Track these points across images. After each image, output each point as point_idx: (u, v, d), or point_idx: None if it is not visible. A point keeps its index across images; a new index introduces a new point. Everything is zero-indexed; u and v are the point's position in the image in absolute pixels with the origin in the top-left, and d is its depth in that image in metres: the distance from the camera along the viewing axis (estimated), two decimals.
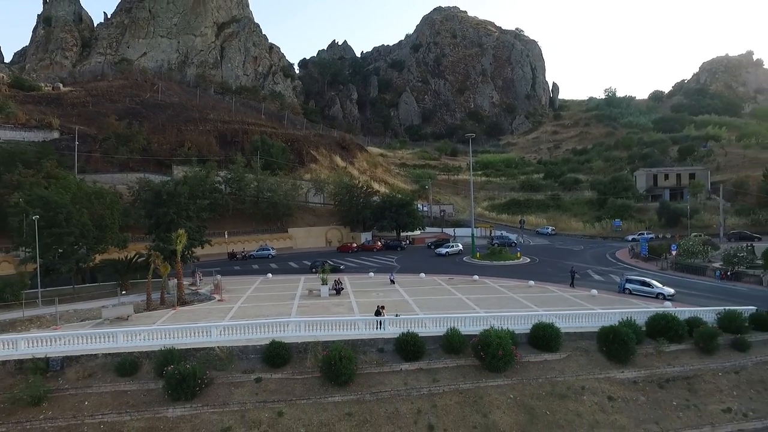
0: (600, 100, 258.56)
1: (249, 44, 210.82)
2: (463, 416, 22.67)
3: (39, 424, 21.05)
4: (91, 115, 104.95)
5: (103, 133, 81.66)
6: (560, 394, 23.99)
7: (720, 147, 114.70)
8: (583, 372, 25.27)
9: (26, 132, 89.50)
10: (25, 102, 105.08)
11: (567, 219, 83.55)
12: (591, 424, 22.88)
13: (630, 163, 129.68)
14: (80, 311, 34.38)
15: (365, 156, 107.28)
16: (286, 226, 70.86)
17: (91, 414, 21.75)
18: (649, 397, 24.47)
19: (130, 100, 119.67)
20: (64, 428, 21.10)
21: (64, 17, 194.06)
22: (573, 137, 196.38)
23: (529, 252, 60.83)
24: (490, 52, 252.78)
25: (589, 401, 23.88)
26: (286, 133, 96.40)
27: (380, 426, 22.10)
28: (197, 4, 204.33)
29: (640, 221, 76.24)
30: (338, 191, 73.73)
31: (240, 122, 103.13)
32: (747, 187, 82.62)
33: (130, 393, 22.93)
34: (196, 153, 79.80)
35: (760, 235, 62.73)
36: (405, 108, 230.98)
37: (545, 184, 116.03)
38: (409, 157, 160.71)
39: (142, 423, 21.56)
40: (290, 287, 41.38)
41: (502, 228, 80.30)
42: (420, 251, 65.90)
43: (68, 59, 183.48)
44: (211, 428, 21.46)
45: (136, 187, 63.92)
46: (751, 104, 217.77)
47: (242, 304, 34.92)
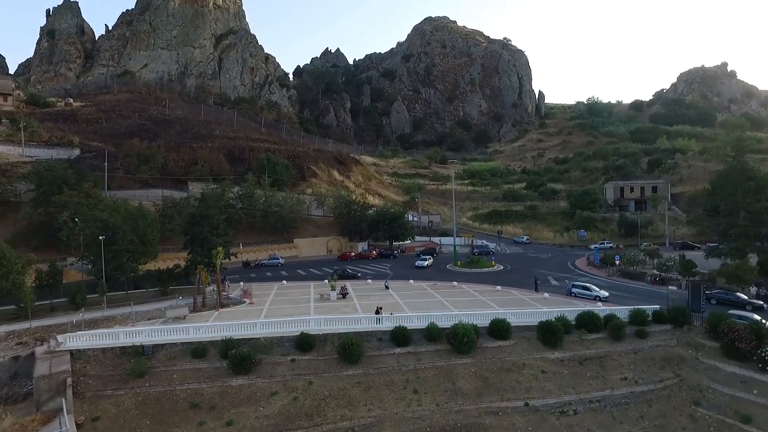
0: (584, 107, 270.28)
1: (246, 55, 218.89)
2: (438, 384, 32.81)
3: (145, 389, 30.80)
4: (105, 131, 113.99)
5: (122, 151, 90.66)
6: (507, 369, 34.25)
7: (684, 160, 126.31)
8: (525, 353, 35.56)
9: (49, 149, 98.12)
10: (43, 119, 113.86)
11: (541, 229, 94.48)
12: (527, 389, 33.14)
13: (605, 174, 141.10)
14: (140, 312, 43.95)
15: (360, 169, 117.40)
16: (291, 237, 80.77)
17: (179, 383, 31.56)
18: (570, 370, 34.80)
19: (139, 115, 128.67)
20: (163, 392, 30.88)
21: (67, 30, 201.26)
22: (556, 145, 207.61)
23: (504, 260, 71.33)
24: (478, 62, 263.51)
25: (527, 373, 34.15)
26: (288, 149, 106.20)
27: (380, 390, 32.17)
28: (196, 16, 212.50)
29: (603, 231, 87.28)
30: (337, 205, 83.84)
31: (245, 138, 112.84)
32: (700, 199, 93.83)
33: (204, 369, 32.77)
34: (209, 170, 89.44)
35: (700, 244, 73.61)
36: (396, 116, 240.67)
37: (526, 194, 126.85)
38: (401, 166, 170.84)
39: (215, 389, 31.41)
40: (304, 292, 51.31)
41: (484, 237, 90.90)
42: (410, 259, 76.18)
43: (72, 71, 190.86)
44: (264, 393, 31.37)
45: (160, 204, 73.51)
46: (724, 113, 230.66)
47: (270, 306, 44.79)
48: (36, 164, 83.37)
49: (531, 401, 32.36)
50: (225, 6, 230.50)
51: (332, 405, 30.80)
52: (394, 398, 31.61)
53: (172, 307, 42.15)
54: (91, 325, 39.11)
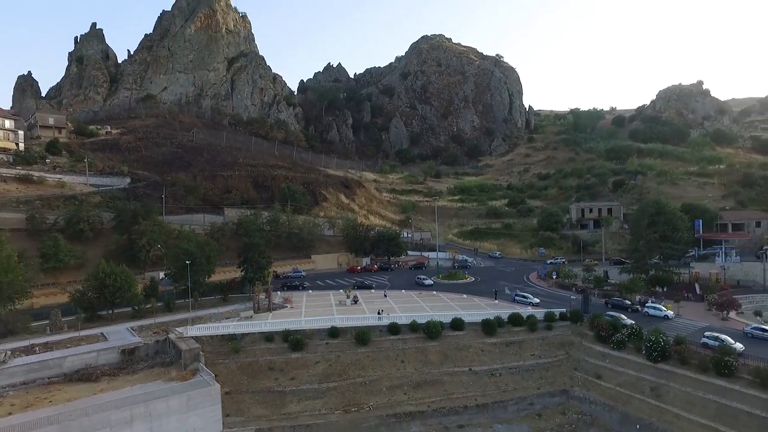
0: (570, 121, 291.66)
1: (256, 76, 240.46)
2: (416, 357, 54.53)
3: (240, 359, 52.45)
4: (145, 159, 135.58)
5: (169, 182, 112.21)
6: (459, 348, 55.97)
7: (643, 182, 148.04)
8: (471, 339, 57.28)
9: (105, 177, 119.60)
10: (93, 149, 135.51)
11: (512, 245, 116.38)
12: (471, 360, 54.86)
13: (578, 191, 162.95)
14: (216, 314, 65.44)
15: (363, 192, 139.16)
16: (309, 253, 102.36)
17: (260, 356, 53.21)
18: (499, 350, 56.53)
19: (170, 143, 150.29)
20: (251, 361, 52.49)
21: (93, 56, 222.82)
22: (541, 161, 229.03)
23: (476, 273, 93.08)
24: (471, 80, 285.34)
25: (472, 351, 55.87)
26: (303, 177, 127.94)
27: (381, 361, 53.85)
28: (210, 41, 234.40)
29: (559, 248, 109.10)
30: (346, 227, 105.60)
31: (265, 165, 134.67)
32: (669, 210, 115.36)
33: (273, 348, 54.43)
34: (240, 197, 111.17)
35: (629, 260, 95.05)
36: (395, 132, 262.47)
37: (506, 211, 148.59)
38: (398, 182, 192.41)
39: (282, 359, 53.06)
40: (326, 299, 72.96)
41: (465, 252, 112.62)
42: (404, 272, 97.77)
43: (99, 94, 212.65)
44: (311, 362, 53.01)
45: (208, 228, 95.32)
46: (698, 129, 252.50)
47: (306, 309, 66.40)
48: (104, 194, 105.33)
49: (473, 368, 54.14)
50: (236, 30, 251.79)
51: (352, 368, 52.53)
52: (389, 365, 53.35)
53: (241, 310, 63.84)
54: (187, 322, 60.63)
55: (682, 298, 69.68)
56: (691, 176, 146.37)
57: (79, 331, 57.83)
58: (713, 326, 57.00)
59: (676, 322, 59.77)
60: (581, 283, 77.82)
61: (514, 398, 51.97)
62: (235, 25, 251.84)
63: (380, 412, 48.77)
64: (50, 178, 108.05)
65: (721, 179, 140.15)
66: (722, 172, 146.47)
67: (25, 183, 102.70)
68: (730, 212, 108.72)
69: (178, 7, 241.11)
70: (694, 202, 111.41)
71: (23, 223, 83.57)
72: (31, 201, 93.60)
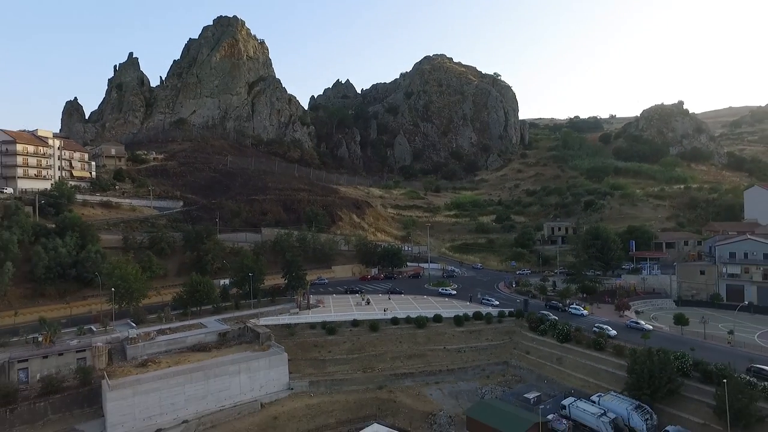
0: (561, 137, 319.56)
1: (273, 99, 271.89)
2: (409, 339, 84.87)
3: (295, 339, 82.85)
4: (191, 184, 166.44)
5: (217, 205, 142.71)
6: (438, 334, 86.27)
7: (608, 202, 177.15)
8: (447, 328, 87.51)
9: (162, 201, 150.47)
10: (147, 174, 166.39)
11: (492, 258, 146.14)
12: (445, 342, 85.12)
13: (555, 209, 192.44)
14: (271, 311, 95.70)
15: (371, 211, 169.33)
16: (330, 265, 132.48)
17: (307, 338, 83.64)
18: (465, 335, 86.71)
19: (209, 168, 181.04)
20: (302, 341, 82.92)
21: (130, 82, 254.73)
22: (531, 177, 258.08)
23: (459, 281, 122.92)
24: (470, 99, 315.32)
25: (447, 336, 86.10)
26: (322, 200, 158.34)
27: (386, 341, 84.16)
28: (233, 68, 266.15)
29: (528, 261, 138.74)
30: (358, 243, 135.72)
31: (290, 189, 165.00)
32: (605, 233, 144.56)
33: (315, 332, 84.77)
34: (273, 218, 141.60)
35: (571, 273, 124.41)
36: (399, 148, 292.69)
37: (492, 226, 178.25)
38: (401, 198, 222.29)
39: (321, 340, 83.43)
40: (347, 301, 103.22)
41: (454, 264, 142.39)
42: (404, 280, 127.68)
43: (137, 118, 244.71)
44: (340, 341, 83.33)
45: (252, 245, 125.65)
46: (677, 147, 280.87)
47: (333, 307, 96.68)
48: (167, 217, 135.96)
49: (446, 347, 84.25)
50: (255, 56, 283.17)
51: (367, 346, 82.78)
52: (391, 344, 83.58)
53: (288, 308, 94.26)
54: (254, 316, 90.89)
55: (602, 302, 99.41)
56: (649, 198, 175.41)
57: (183, 321, 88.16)
58: (611, 321, 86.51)
59: (588, 318, 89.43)
60: (533, 291, 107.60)
61: (472, 366, 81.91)
62: (255, 52, 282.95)
63: (386, 373, 78.79)
64: (124, 203, 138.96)
65: (672, 201, 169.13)
66: (674, 194, 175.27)
67: (107, 208, 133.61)
68: (665, 233, 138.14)
69: (205, 37, 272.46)
70: (637, 225, 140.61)
71: (119, 242, 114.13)
72: (118, 224, 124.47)
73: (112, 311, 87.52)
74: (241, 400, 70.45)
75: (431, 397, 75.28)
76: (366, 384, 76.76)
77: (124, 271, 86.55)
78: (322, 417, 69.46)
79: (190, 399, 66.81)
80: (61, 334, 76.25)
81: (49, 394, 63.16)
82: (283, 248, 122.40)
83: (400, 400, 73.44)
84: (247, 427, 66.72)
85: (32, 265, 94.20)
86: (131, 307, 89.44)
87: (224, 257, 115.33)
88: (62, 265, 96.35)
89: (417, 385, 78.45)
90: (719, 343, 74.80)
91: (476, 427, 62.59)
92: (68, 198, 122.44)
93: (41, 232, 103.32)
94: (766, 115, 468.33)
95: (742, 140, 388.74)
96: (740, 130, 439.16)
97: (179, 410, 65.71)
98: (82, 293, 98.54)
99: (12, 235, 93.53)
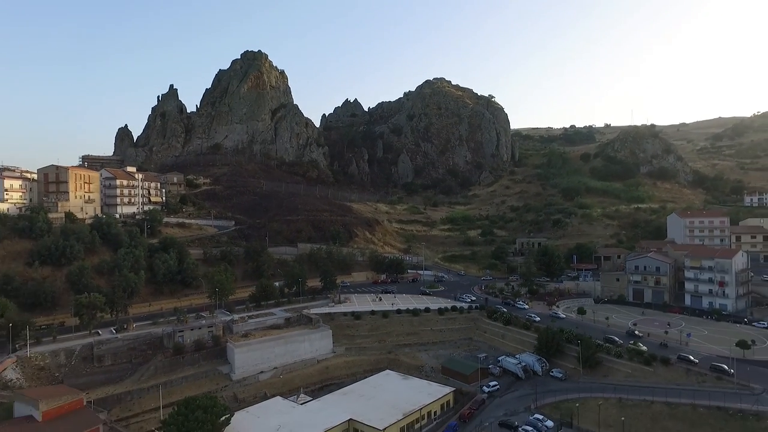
0: (546, 156, 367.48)
1: (293, 123, 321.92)
2: (408, 323, 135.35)
3: (334, 323, 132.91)
4: (237, 206, 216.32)
5: (258, 224, 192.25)
6: (428, 320, 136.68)
7: (571, 220, 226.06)
8: (433, 317, 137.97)
9: (218, 221, 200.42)
10: (203, 198, 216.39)
11: (473, 266, 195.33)
12: (432, 324, 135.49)
13: (531, 225, 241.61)
14: (315, 305, 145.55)
15: (380, 228, 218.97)
16: (350, 272, 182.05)
17: (343, 322, 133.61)
18: (445, 321, 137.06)
19: (248, 191, 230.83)
20: (339, 323, 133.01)
21: (172, 111, 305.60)
22: (516, 193, 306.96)
23: (446, 285, 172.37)
24: (465, 121, 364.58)
25: (433, 321, 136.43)
26: (342, 219, 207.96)
27: (393, 324, 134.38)
28: (259, 97, 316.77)
29: (499, 270, 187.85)
30: (371, 255, 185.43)
31: (316, 210, 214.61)
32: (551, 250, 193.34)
33: (347, 319, 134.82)
34: (306, 235, 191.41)
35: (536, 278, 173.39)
36: (402, 166, 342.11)
37: (478, 240, 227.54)
38: (404, 213, 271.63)
39: (351, 323, 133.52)
40: (365, 298, 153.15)
41: (443, 271, 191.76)
42: (405, 283, 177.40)
43: (179, 143, 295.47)
44: (363, 324, 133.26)
45: (293, 257, 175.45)
46: (647, 167, 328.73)
47: (357, 302, 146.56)
48: (227, 234, 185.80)
49: (432, 328, 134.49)
50: (277, 86, 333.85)
51: (381, 327, 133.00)
52: (396, 326, 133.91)
53: (326, 303, 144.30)
54: (305, 308, 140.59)
55: (542, 300, 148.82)
56: (603, 218, 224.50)
57: (258, 310, 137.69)
58: (542, 313, 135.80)
59: (528, 310, 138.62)
60: (496, 292, 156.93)
61: (448, 340, 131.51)
62: (276, 81, 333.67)
63: (393, 343, 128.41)
64: (192, 224, 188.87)
65: (620, 221, 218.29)
66: (624, 214, 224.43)
67: (182, 227, 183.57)
68: (605, 248, 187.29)
69: (234, 70, 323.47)
70: (585, 242, 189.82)
71: (201, 255, 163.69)
72: (194, 240, 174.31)
73: (211, 304, 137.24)
74: (305, 357, 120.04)
75: (421, 358, 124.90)
76: (380, 350, 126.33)
77: (221, 277, 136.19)
78: (354, 368, 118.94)
79: (277, 356, 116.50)
80: (188, 318, 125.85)
81: (198, 350, 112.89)
82: (316, 259, 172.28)
83: (401, 360, 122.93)
84: (310, 373, 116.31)
85: (153, 272, 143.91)
86: (223, 301, 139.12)
87: (274, 266, 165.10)
88: (171, 272, 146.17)
89: (412, 351, 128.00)
90: (600, 325, 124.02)
91: (447, 371, 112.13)
92: (159, 221, 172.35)
93: (152, 248, 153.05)
94: (747, 128, 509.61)
95: (720, 154, 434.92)
96: (720, 143, 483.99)
97: (271, 361, 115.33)
98: (184, 292, 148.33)
99: (140, 252, 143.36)
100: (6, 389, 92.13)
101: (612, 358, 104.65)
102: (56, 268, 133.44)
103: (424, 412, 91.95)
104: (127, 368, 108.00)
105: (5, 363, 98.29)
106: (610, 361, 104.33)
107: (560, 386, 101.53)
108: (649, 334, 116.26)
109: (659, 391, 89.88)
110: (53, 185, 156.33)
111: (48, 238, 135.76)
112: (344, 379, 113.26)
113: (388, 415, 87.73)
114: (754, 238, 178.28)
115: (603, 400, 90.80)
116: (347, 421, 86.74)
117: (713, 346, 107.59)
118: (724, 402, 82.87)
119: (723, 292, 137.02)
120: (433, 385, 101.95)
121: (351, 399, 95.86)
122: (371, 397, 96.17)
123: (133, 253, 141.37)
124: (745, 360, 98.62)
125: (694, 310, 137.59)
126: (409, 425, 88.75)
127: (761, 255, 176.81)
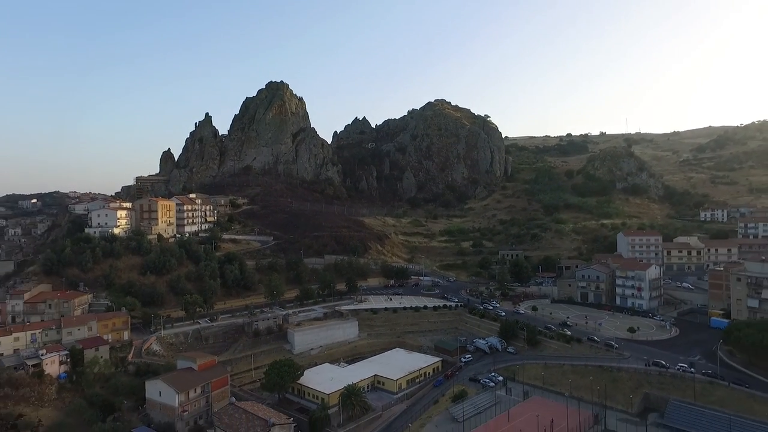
0: (535, 172, 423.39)
1: (311, 146, 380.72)
2: (412, 317, 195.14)
3: (358, 316, 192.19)
4: (272, 224, 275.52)
5: (292, 239, 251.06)
6: (425, 314, 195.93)
7: (546, 234, 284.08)
8: (429, 312, 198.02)
9: (260, 236, 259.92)
10: (245, 217, 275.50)
11: (463, 273, 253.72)
12: (428, 318, 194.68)
13: (514, 238, 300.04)
14: (343, 303, 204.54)
15: (389, 241, 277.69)
16: (366, 277, 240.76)
17: (364, 315, 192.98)
18: (437, 315, 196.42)
19: (280, 210, 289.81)
20: (362, 316, 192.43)
21: (208, 136, 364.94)
22: (506, 207, 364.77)
23: (441, 288, 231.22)
24: (463, 140, 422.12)
25: (429, 315, 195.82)
26: (358, 234, 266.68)
27: (401, 317, 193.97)
28: (282, 123, 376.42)
29: (483, 277, 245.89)
30: (382, 265, 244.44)
31: (337, 227, 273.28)
32: (521, 262, 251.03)
33: (367, 313, 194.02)
34: (330, 249, 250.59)
35: None
36: (407, 182, 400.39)
37: (469, 250, 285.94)
38: (408, 226, 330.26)
39: (370, 317, 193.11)
40: (380, 299, 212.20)
41: (438, 277, 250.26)
42: (409, 287, 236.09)
43: (215, 164, 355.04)
44: (380, 318, 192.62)
45: (321, 266, 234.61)
46: (622, 183, 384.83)
47: (373, 302, 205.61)
48: (269, 248, 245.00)
49: (428, 320, 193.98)
50: (297, 111, 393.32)
51: (392, 319, 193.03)
52: (403, 318, 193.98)
53: (351, 302, 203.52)
54: (336, 306, 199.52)
55: (511, 300, 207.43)
56: (572, 233, 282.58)
57: (302, 308, 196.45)
58: (508, 310, 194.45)
59: (498, 308, 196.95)
60: (477, 294, 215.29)
61: (440, 329, 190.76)
62: (296, 108, 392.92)
63: (400, 331, 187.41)
64: (241, 239, 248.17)
65: (584, 236, 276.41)
66: (589, 230, 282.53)
67: (233, 243, 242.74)
68: (566, 260, 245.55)
69: (260, 99, 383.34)
70: (552, 254, 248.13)
71: (254, 265, 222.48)
72: (245, 254, 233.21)
73: (267, 303, 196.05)
74: (340, 340, 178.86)
75: (420, 340, 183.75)
76: (392, 335, 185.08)
77: (276, 282, 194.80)
78: (374, 347, 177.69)
79: (321, 338, 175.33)
80: (256, 312, 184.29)
81: (268, 334, 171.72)
82: (340, 268, 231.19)
83: (407, 342, 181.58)
84: (344, 350, 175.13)
85: (224, 279, 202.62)
86: (276, 300, 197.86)
87: (309, 274, 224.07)
88: (237, 279, 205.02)
89: (414, 336, 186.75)
90: (545, 318, 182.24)
91: (438, 349, 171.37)
92: (219, 238, 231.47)
93: (219, 260, 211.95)
94: (728, 140, 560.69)
95: (700, 166, 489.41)
96: (703, 155, 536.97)
97: (318, 342, 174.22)
98: (246, 294, 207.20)
99: (215, 264, 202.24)
100: (155, 356, 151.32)
101: (547, 339, 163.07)
102: (159, 276, 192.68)
103: (421, 372, 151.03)
104: (223, 345, 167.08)
105: (150, 340, 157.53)
106: (546, 342, 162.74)
107: (512, 358, 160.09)
108: (576, 324, 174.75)
109: (571, 359, 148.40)
110: (146, 213, 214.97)
111: (153, 254, 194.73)
112: (367, 354, 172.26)
113: (399, 373, 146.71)
114: (680, 252, 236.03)
115: (536, 364, 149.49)
116: (373, 376, 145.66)
117: (617, 331, 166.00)
118: (603, 363, 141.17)
119: (640, 295, 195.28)
120: (428, 357, 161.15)
121: (374, 364, 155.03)
122: (386, 363, 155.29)
123: (210, 264, 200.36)
124: (631, 340, 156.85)
125: (621, 308, 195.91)
126: (411, 380, 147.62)
127: (686, 266, 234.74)
